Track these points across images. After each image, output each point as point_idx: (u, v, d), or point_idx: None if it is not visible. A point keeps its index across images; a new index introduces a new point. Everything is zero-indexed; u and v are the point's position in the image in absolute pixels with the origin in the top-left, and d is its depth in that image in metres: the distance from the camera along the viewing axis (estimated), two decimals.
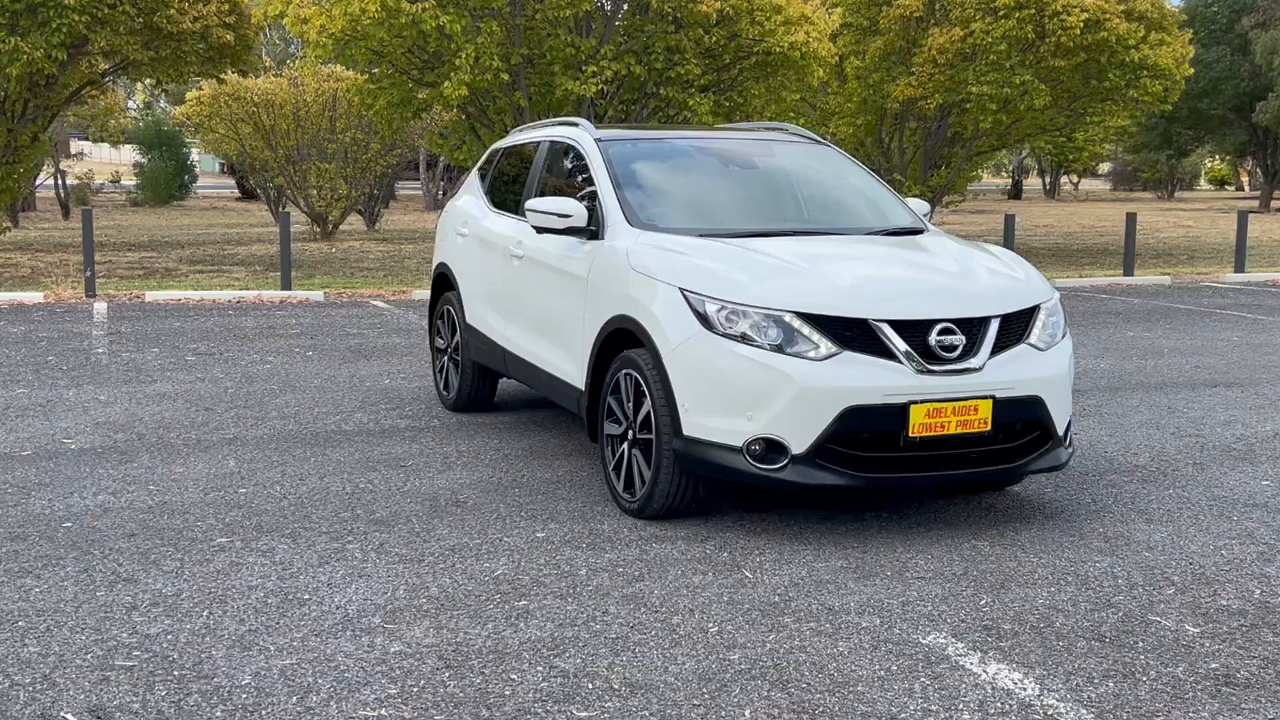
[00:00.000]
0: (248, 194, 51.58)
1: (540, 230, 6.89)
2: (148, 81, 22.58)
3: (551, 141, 7.79)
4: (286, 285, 16.00)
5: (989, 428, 5.77)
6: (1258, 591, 5.22)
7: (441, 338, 8.89)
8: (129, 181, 53.25)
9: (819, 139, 7.86)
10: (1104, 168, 72.83)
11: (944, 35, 22.36)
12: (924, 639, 4.67)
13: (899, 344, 5.67)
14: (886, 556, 5.61)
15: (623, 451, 6.28)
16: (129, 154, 58.04)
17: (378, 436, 7.90)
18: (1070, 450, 6.25)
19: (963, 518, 6.24)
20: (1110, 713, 4.08)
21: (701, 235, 6.49)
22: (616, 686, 4.23)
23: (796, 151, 7.66)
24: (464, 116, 18.80)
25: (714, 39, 17.71)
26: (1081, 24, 21.36)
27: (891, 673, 4.37)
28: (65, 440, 7.70)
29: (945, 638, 4.68)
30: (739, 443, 5.68)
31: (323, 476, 6.92)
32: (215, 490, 6.62)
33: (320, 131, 28.32)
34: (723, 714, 4.04)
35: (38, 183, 42.60)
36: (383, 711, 4.03)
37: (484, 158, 8.98)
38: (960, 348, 5.75)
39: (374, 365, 10.60)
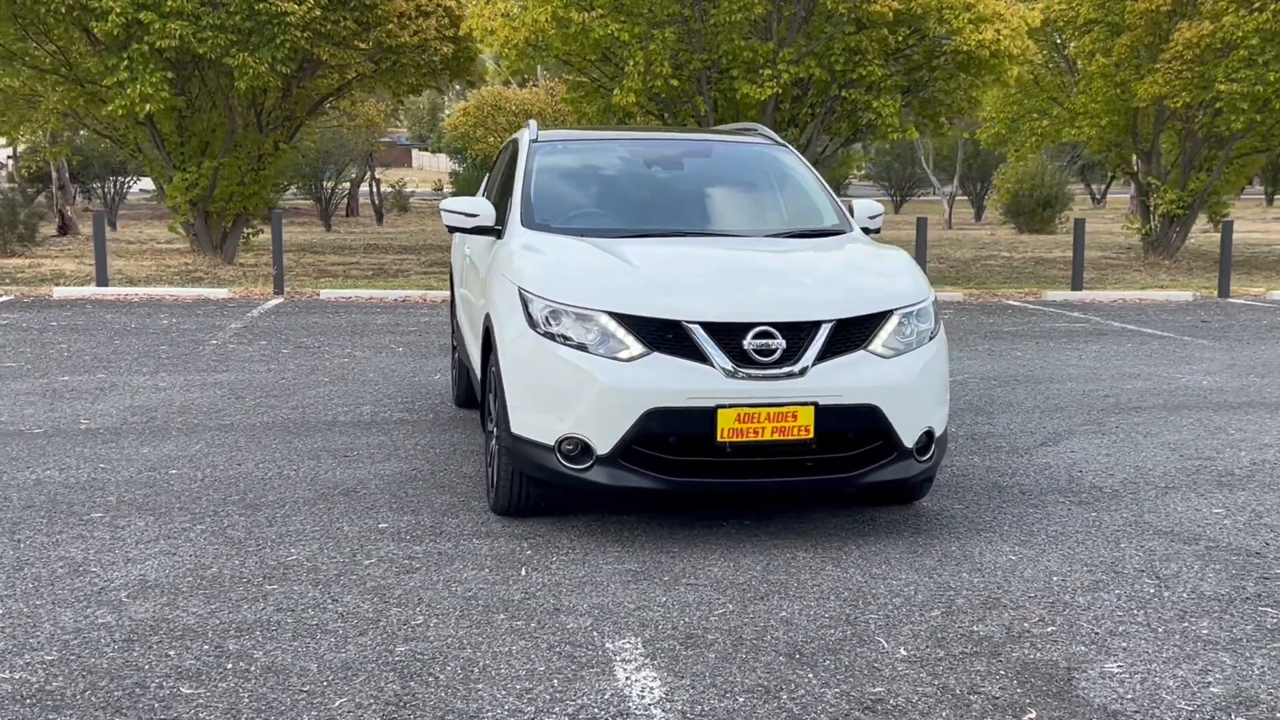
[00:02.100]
0: None
1: (451, 230, 7.03)
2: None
3: (513, 142, 7.92)
4: None
5: (811, 435, 5.55)
6: (1032, 620, 4.84)
7: (454, 335, 9.15)
8: (448, 189, 56.18)
9: (781, 141, 7.65)
10: None
11: (1192, 29, 21.04)
12: (610, 643, 4.58)
13: (711, 347, 5.52)
14: (688, 563, 5.48)
15: (492, 447, 6.35)
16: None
17: (360, 428, 8.21)
18: (928, 462, 5.91)
19: (824, 531, 6.00)
20: None
21: (583, 236, 6.48)
22: (255, 669, 4.34)
23: (739, 153, 7.51)
24: (659, 122, 19.01)
25: (899, 39, 17.27)
26: None
27: (534, 673, 4.31)
28: (83, 421, 8.36)
29: (631, 643, 4.58)
30: (551, 441, 5.67)
31: (259, 463, 7.27)
32: (150, 470, 7.07)
33: None
34: (317, 700, 4.11)
35: (361, 190, 45.91)
36: (18, 675, 4.28)
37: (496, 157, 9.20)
38: (779, 352, 5.55)
39: (441, 362, 10.95)
